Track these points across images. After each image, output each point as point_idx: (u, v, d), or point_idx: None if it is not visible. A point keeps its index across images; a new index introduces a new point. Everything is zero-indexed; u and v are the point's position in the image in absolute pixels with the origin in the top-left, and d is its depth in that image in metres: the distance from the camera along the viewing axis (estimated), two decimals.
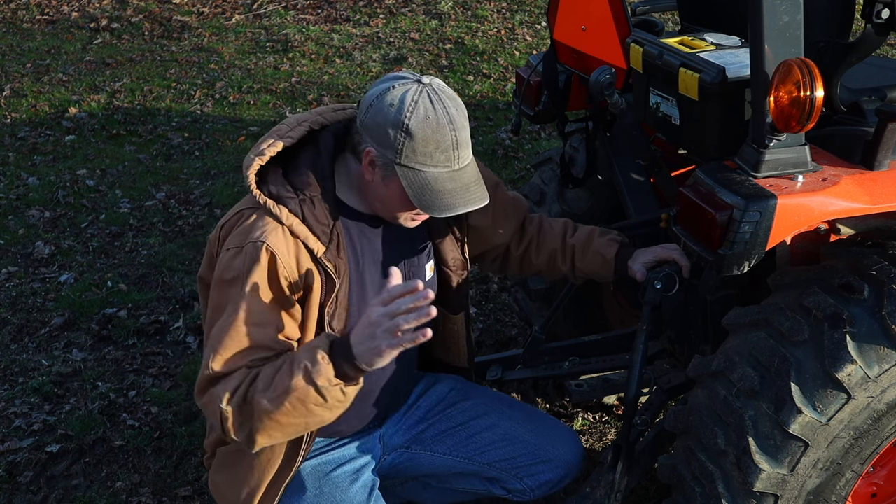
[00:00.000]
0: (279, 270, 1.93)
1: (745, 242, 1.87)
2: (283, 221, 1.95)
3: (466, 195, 1.98)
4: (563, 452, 2.34)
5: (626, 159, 2.72)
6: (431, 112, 1.91)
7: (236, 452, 2.13)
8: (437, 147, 1.92)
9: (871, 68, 2.45)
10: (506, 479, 2.34)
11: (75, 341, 3.77)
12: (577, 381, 2.83)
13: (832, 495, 1.97)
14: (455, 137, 1.93)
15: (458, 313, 2.34)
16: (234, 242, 1.97)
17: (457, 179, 1.96)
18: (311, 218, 1.97)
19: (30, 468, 3.06)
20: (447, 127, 1.92)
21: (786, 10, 1.84)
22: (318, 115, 2.09)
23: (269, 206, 1.96)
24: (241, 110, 6.43)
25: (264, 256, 1.92)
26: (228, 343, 1.90)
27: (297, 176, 2.01)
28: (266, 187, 1.98)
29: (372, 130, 1.94)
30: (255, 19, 8.42)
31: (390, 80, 1.97)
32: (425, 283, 2.20)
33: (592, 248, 2.39)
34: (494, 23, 8.07)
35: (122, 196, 5.12)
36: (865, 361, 1.85)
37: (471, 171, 2.00)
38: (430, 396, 2.40)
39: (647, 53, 2.33)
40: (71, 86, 6.88)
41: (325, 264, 1.98)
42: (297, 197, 1.97)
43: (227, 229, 2.03)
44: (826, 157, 2.02)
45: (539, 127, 5.75)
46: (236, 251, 1.95)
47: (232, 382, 1.88)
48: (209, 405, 1.92)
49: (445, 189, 1.95)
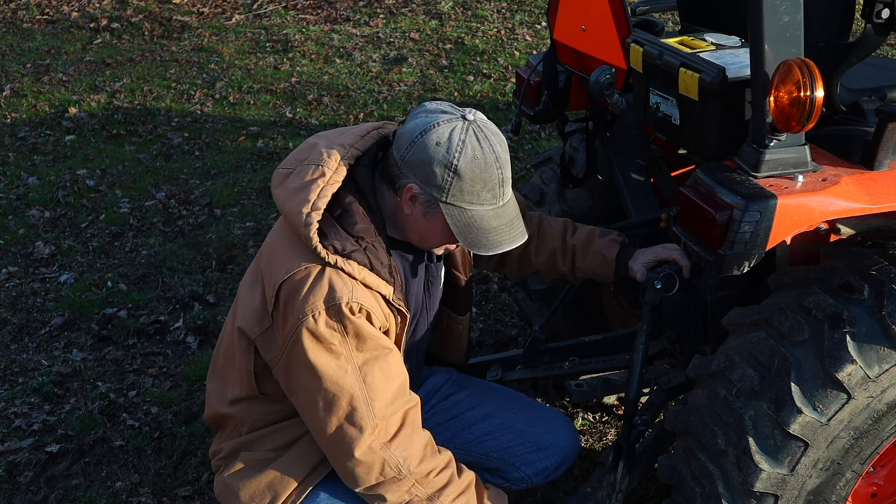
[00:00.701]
0: (375, 323, 1.95)
1: (745, 242, 1.87)
2: (356, 277, 1.92)
3: (511, 232, 1.99)
4: (558, 439, 2.37)
5: (626, 159, 2.72)
6: (479, 152, 1.90)
7: (264, 462, 2.13)
8: (485, 186, 1.92)
9: (871, 68, 2.45)
10: (504, 469, 2.36)
11: (75, 341, 3.77)
12: (577, 381, 2.83)
13: (832, 495, 1.97)
14: (501, 175, 1.93)
15: (464, 314, 2.37)
16: (322, 306, 1.89)
17: (501, 217, 1.97)
18: (377, 264, 1.96)
19: (30, 468, 3.06)
20: (494, 166, 1.92)
21: (786, 10, 1.84)
22: (353, 148, 2.01)
23: (340, 265, 1.91)
24: (241, 110, 6.43)
25: (363, 314, 1.92)
26: (381, 386, 1.93)
27: (351, 222, 1.95)
28: (329, 243, 1.91)
29: (415, 168, 1.92)
30: (255, 19, 8.42)
31: (433, 113, 1.93)
32: (438, 290, 2.27)
33: (593, 247, 2.40)
34: (494, 23, 8.07)
35: (122, 196, 5.11)
36: (865, 361, 1.85)
37: (512, 206, 2.00)
38: (424, 389, 2.42)
39: (647, 53, 2.33)
40: (71, 86, 6.88)
41: (396, 305, 2.01)
42: (360, 247, 1.94)
43: (291, 288, 1.93)
44: (826, 157, 2.02)
45: (539, 127, 5.75)
46: (328, 313, 1.89)
47: (414, 450, 1.97)
48: (378, 466, 1.96)
49: (491, 227, 1.96)
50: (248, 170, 5.44)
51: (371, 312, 1.93)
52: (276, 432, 2.13)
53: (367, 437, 1.92)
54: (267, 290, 1.97)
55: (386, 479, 1.96)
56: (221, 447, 2.23)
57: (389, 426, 1.96)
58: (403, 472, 1.95)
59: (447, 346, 2.43)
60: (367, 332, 1.92)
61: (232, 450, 2.19)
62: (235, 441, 2.19)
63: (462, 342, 2.44)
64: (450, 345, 2.43)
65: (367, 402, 1.91)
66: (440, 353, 2.46)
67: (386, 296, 1.98)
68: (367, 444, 1.93)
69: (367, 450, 1.93)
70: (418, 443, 1.99)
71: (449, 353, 2.46)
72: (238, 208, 4.94)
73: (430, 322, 2.29)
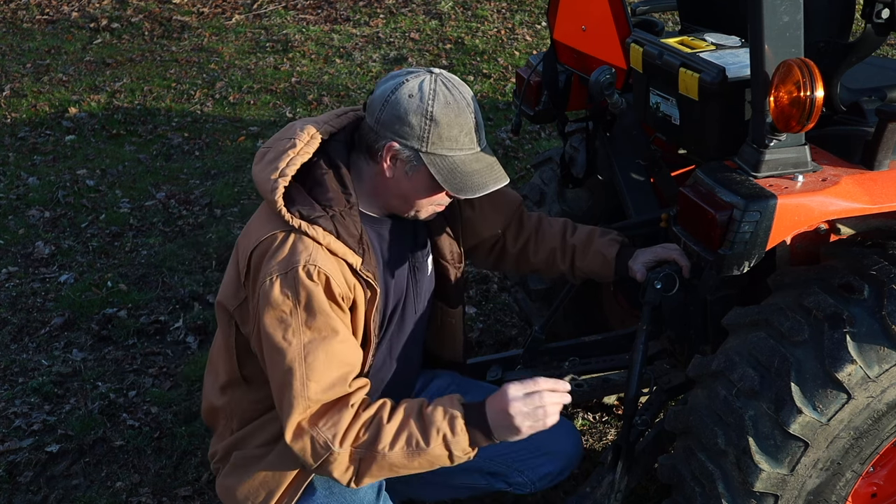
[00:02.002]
0: (335, 290, 1.93)
1: (745, 242, 1.87)
2: (321, 241, 1.93)
3: (493, 174, 2.02)
4: (562, 444, 2.35)
5: (626, 159, 2.72)
6: (451, 98, 1.95)
7: (256, 458, 2.13)
8: (461, 130, 1.96)
9: (871, 68, 2.45)
10: (507, 473, 2.35)
11: (75, 341, 3.77)
12: (577, 381, 2.83)
13: (832, 495, 1.97)
14: (475, 119, 1.99)
15: (456, 307, 2.36)
16: (278, 269, 1.91)
17: (481, 160, 2.01)
18: (345, 233, 1.97)
19: (30, 468, 3.06)
20: (467, 110, 1.97)
21: (786, 10, 1.84)
22: (326, 124, 2.07)
23: (304, 229, 1.93)
24: (241, 110, 6.43)
25: (320, 278, 1.91)
26: (320, 369, 1.89)
27: (322, 192, 1.98)
28: (295, 209, 1.95)
29: (392, 125, 1.95)
30: (255, 19, 8.42)
31: (400, 75, 2.00)
32: (426, 279, 2.24)
33: (593, 247, 2.40)
34: (494, 23, 8.07)
35: (122, 196, 5.12)
36: (865, 361, 1.85)
37: (489, 152, 2.05)
38: (427, 392, 2.41)
39: (647, 53, 2.33)
40: (71, 86, 6.88)
41: (364, 276, 2.00)
42: (327, 214, 1.96)
43: (259, 255, 1.96)
44: (826, 157, 2.02)
45: (539, 127, 5.75)
46: (283, 277, 1.90)
47: (341, 425, 1.89)
48: (309, 445, 1.90)
49: (474, 170, 1.99)
50: (248, 170, 5.43)
51: (331, 277, 1.91)
52: (263, 426, 2.13)
53: (296, 416, 1.90)
54: (241, 261, 2.02)
55: (322, 460, 1.91)
56: (217, 449, 2.24)
57: (321, 410, 1.92)
58: (334, 448, 1.89)
59: (443, 342, 2.43)
60: (319, 305, 1.90)
61: (225, 451, 2.21)
62: (228, 441, 2.20)
63: (457, 337, 2.43)
64: (445, 341, 2.42)
65: (303, 381, 1.89)
66: (436, 350, 2.46)
67: (353, 265, 1.97)
68: (297, 422, 1.90)
69: (296, 428, 1.90)
70: (346, 416, 1.92)
71: (445, 349, 2.45)
72: (238, 208, 4.94)
73: (421, 313, 2.28)
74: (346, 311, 1.99)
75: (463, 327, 2.44)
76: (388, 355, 2.23)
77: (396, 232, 2.17)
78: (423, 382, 2.44)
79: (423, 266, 2.25)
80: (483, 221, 2.39)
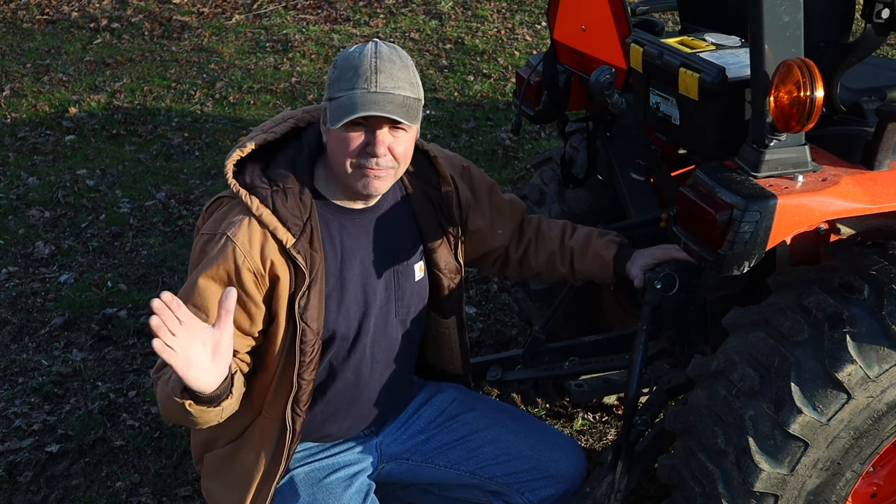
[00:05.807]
0: (240, 261, 1.95)
1: (745, 242, 1.87)
2: (253, 212, 1.97)
3: (375, 107, 1.90)
4: (566, 467, 2.31)
5: (626, 159, 2.72)
6: (361, 48, 1.96)
7: (223, 457, 2.14)
8: (355, 72, 1.93)
9: (871, 68, 2.44)
10: (507, 493, 2.31)
11: (75, 341, 3.77)
12: (577, 381, 2.83)
13: (832, 495, 1.97)
14: (375, 64, 1.93)
15: (448, 317, 2.31)
16: (207, 229, 2.03)
17: (372, 99, 1.91)
18: (283, 209, 1.98)
19: (30, 468, 3.06)
20: (370, 55, 1.94)
21: (786, 10, 1.84)
22: (305, 113, 2.12)
23: (242, 196, 1.99)
24: (241, 110, 6.43)
25: (227, 248, 1.95)
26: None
27: (275, 169, 2.04)
28: (242, 178, 2.02)
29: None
30: (255, 19, 8.42)
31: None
32: (413, 284, 2.21)
33: (591, 249, 2.39)
34: (494, 23, 8.07)
35: (122, 196, 5.12)
36: (865, 361, 1.85)
37: (396, 100, 1.92)
38: (431, 407, 2.36)
39: (647, 53, 2.33)
40: (71, 86, 6.88)
41: (294, 256, 1.98)
42: (269, 188, 2.00)
43: (207, 215, 2.09)
44: (826, 157, 2.02)
45: (539, 127, 5.75)
46: (207, 238, 2.00)
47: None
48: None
49: (354, 102, 1.92)
50: None
51: (238, 248, 1.94)
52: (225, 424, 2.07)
53: None
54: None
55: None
56: (195, 454, 2.26)
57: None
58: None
59: (439, 353, 2.38)
60: (213, 272, 1.96)
61: (199, 454, 2.23)
62: (200, 443, 2.22)
63: (453, 349, 2.37)
64: (442, 352, 2.38)
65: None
66: (435, 362, 2.42)
67: (283, 241, 1.97)
68: None
69: None
70: None
71: (442, 360, 2.40)
72: None
73: (409, 319, 2.23)
74: (252, 285, 1.97)
75: (461, 338, 2.37)
76: (371, 358, 2.19)
77: (377, 231, 2.13)
78: (425, 396, 2.39)
79: (409, 271, 2.19)
80: (493, 233, 2.37)
